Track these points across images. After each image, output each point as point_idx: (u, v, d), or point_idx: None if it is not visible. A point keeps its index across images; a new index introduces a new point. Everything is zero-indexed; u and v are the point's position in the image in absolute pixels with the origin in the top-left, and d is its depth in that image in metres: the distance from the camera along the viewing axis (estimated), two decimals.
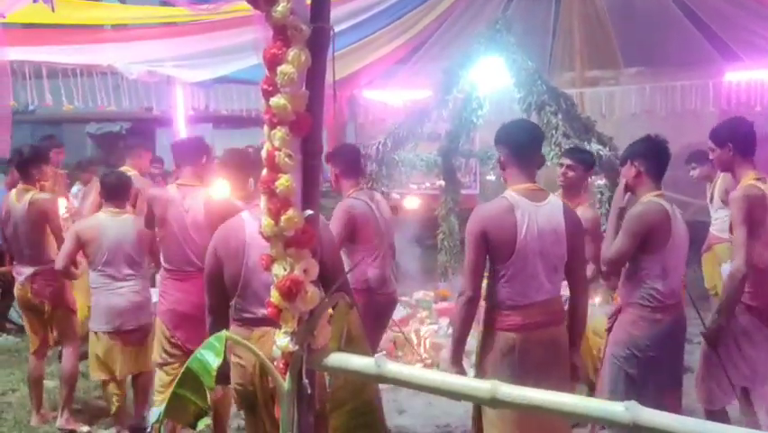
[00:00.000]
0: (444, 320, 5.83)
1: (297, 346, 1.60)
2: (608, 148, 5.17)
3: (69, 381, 4.31)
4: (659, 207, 2.99)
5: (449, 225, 6.97)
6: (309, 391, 1.63)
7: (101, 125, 13.96)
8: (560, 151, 4.85)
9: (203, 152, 3.93)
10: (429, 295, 6.40)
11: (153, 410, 4.10)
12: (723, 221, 4.98)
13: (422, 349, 5.34)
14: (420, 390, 1.55)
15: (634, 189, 3.15)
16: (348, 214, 3.76)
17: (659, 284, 2.99)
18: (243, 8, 4.72)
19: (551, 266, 2.71)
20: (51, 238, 4.33)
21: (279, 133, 1.57)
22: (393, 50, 7.79)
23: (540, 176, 2.89)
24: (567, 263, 2.78)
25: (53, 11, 4.05)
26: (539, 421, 2.52)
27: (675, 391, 3.15)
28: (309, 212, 1.61)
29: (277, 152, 1.57)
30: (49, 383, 4.81)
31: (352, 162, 3.97)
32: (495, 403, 1.41)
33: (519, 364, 2.66)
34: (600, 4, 7.80)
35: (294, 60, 1.53)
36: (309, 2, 1.63)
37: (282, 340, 1.61)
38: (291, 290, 1.57)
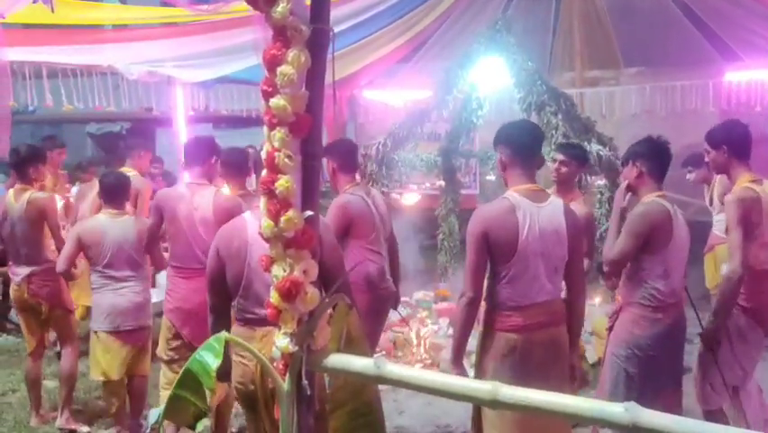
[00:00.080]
0: (444, 320, 5.84)
1: (297, 347, 1.59)
2: (608, 148, 5.17)
3: (69, 381, 4.32)
4: (661, 207, 3.00)
5: (449, 226, 6.97)
6: (309, 392, 1.63)
7: (101, 126, 13.96)
8: None
9: (213, 153, 3.96)
10: (429, 295, 6.40)
11: (153, 411, 4.10)
12: (724, 222, 4.97)
13: (422, 349, 5.34)
14: (420, 391, 1.54)
15: (635, 190, 3.16)
16: (343, 210, 3.76)
17: (660, 284, 3.00)
18: (243, 9, 4.73)
19: (552, 267, 2.71)
20: (49, 238, 4.33)
21: (279, 133, 1.57)
22: (393, 49, 7.80)
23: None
24: (567, 263, 2.78)
25: (53, 11, 4.04)
26: (539, 422, 2.52)
27: (675, 391, 3.17)
28: (309, 213, 1.61)
29: (276, 153, 1.57)
30: (49, 384, 4.81)
31: (348, 157, 3.97)
32: (496, 405, 1.41)
33: (520, 365, 2.66)
34: (600, 4, 7.81)
35: (294, 61, 1.53)
36: (309, 2, 1.63)
37: (282, 341, 1.61)
38: (291, 291, 1.57)
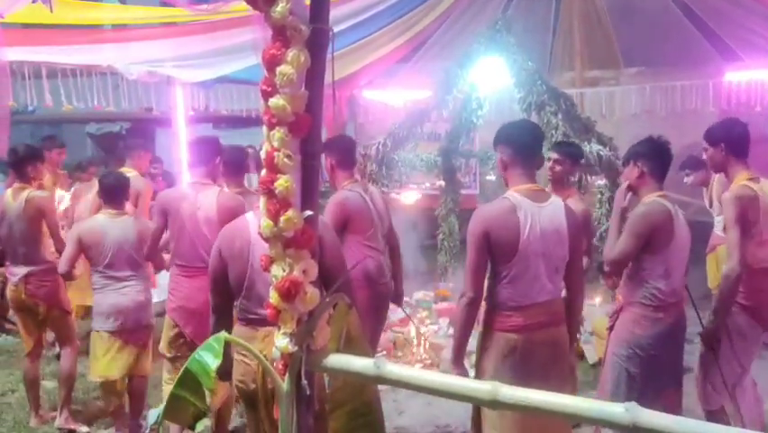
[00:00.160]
0: (444, 320, 5.84)
1: (296, 347, 1.59)
2: (608, 148, 5.17)
3: (68, 381, 4.32)
4: (662, 207, 3.00)
5: (449, 225, 6.97)
6: (308, 392, 1.62)
7: (101, 126, 13.94)
8: None
9: (217, 153, 4.00)
10: (429, 295, 6.40)
11: (152, 412, 4.09)
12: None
13: (422, 349, 5.34)
14: (420, 391, 1.54)
15: (636, 190, 3.16)
16: (341, 206, 3.76)
17: (661, 284, 3.00)
18: (243, 9, 4.72)
19: (553, 267, 2.71)
20: (46, 238, 4.32)
21: (278, 133, 1.56)
22: (393, 49, 7.80)
23: None
24: (567, 263, 2.78)
25: (51, 11, 4.04)
26: (539, 422, 2.52)
27: (676, 391, 3.17)
28: (308, 213, 1.61)
29: (276, 153, 1.57)
30: (48, 384, 4.82)
31: (347, 153, 3.97)
32: (496, 405, 1.41)
33: (521, 365, 2.65)
34: (600, 4, 7.81)
35: (293, 61, 1.53)
36: (308, 2, 1.63)
37: (281, 341, 1.61)
38: (290, 291, 1.57)
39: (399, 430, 4.21)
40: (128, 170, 5.40)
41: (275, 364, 1.67)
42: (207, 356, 1.56)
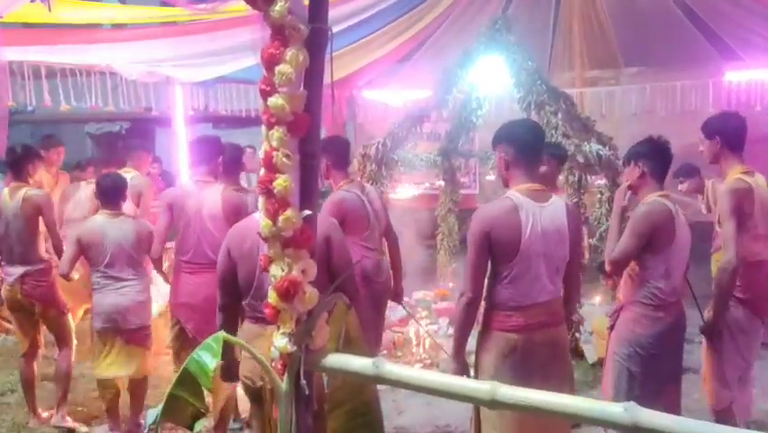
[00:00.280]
0: (444, 320, 5.84)
1: (295, 347, 1.59)
2: (607, 148, 5.16)
3: (64, 380, 4.33)
4: (663, 207, 3.00)
5: (448, 225, 6.97)
6: (307, 392, 1.62)
7: (100, 125, 13.94)
8: None
9: (219, 152, 4.05)
10: (429, 295, 6.40)
11: (150, 412, 4.09)
12: None
13: (421, 349, 5.34)
14: (419, 391, 1.54)
15: (637, 190, 3.16)
16: (338, 207, 3.77)
17: (662, 283, 3.01)
18: (242, 8, 4.72)
19: (553, 267, 2.70)
20: (42, 238, 4.32)
21: (277, 133, 1.56)
22: (393, 49, 7.80)
23: None
24: (567, 263, 2.77)
25: (50, 11, 4.04)
26: (539, 422, 2.51)
27: (676, 389, 3.17)
28: (307, 212, 1.61)
29: (275, 153, 1.57)
30: (50, 384, 4.80)
31: (342, 153, 3.99)
32: (495, 405, 1.40)
33: (521, 365, 2.64)
34: (600, 4, 7.80)
35: (292, 60, 1.53)
36: (307, 2, 1.62)
37: (280, 341, 1.61)
38: (289, 291, 1.56)
39: (399, 430, 4.20)
40: (129, 171, 5.41)
41: (273, 364, 1.67)
42: (206, 356, 1.56)
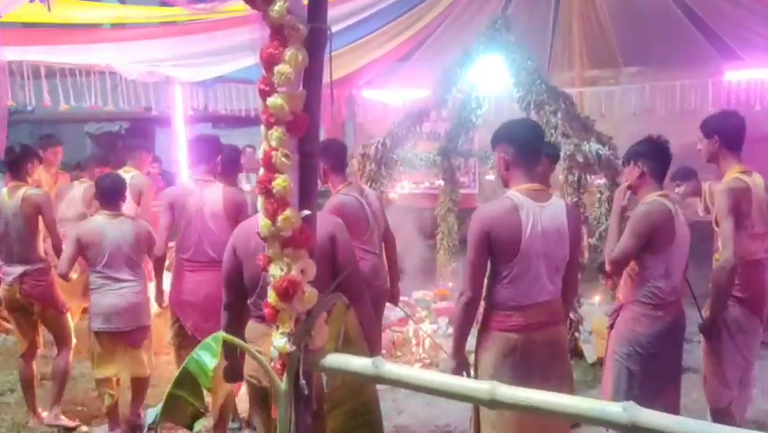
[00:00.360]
0: (444, 320, 5.84)
1: (295, 347, 1.59)
2: (607, 147, 5.16)
3: (61, 378, 4.35)
4: (663, 206, 3.00)
5: (448, 225, 6.97)
6: (306, 392, 1.62)
7: (100, 125, 13.94)
8: None
9: (218, 151, 4.08)
10: (428, 295, 6.40)
11: (150, 411, 4.10)
12: None
13: (421, 349, 5.34)
14: (419, 391, 1.54)
15: (636, 190, 3.16)
16: (338, 211, 3.75)
17: (662, 283, 3.01)
18: (241, 8, 4.72)
19: (553, 267, 2.69)
20: (41, 237, 4.32)
21: (276, 132, 1.56)
22: (392, 48, 7.79)
23: None
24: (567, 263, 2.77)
25: (49, 10, 4.04)
26: (538, 422, 2.51)
27: (675, 388, 3.17)
28: (306, 212, 1.60)
29: (274, 152, 1.56)
30: (49, 384, 4.80)
31: (339, 157, 3.98)
32: (494, 404, 1.40)
33: (521, 365, 2.64)
34: (600, 4, 7.80)
35: (291, 60, 1.52)
36: (306, 1, 1.62)
37: (279, 340, 1.61)
38: (288, 291, 1.56)
39: (398, 430, 4.20)
40: (129, 170, 5.41)
41: (273, 364, 1.67)
42: (205, 356, 1.56)
